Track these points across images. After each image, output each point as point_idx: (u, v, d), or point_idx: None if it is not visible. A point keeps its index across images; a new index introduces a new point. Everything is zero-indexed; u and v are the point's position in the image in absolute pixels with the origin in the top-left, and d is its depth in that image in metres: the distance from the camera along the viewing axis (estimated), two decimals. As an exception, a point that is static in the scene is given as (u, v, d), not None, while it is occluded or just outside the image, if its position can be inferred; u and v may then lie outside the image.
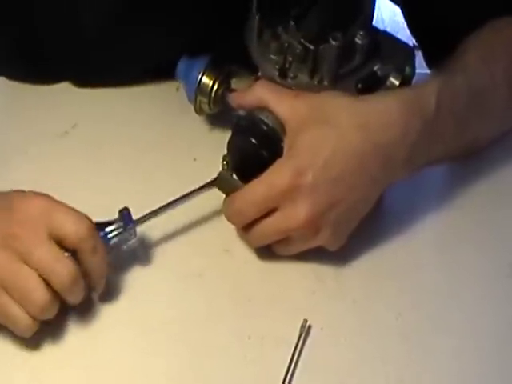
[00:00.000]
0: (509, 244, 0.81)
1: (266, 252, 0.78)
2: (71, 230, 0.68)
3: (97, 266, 0.70)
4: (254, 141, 0.74)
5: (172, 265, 0.77)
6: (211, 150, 0.79)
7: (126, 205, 0.74)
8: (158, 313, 0.74)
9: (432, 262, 0.81)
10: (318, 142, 0.72)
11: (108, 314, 0.73)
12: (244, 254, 0.78)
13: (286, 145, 0.74)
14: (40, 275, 0.67)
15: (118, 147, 0.85)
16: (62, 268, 0.67)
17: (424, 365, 0.73)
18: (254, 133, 0.75)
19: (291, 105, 0.74)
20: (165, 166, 0.83)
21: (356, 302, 0.76)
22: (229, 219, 0.76)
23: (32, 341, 0.70)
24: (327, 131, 0.73)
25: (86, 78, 0.90)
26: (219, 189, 0.77)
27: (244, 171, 0.76)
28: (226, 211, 0.76)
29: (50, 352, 0.71)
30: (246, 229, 0.76)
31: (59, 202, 0.70)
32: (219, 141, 0.78)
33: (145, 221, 0.75)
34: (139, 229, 0.75)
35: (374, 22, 0.76)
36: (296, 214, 0.72)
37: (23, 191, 0.71)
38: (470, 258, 0.80)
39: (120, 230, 0.73)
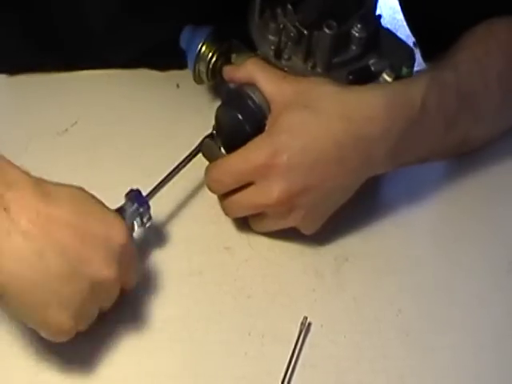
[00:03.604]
0: (509, 240, 0.81)
1: (266, 249, 0.78)
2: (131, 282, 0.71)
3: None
4: (239, 115, 0.75)
5: (173, 262, 0.77)
6: (211, 147, 0.79)
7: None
8: (159, 310, 0.74)
9: (432, 259, 0.81)
10: (298, 125, 0.73)
11: (108, 312, 0.73)
12: (244, 251, 0.78)
13: (268, 123, 0.75)
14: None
15: (118, 145, 0.85)
16: (113, 289, 0.69)
17: (424, 361, 0.73)
18: (240, 107, 0.76)
19: (278, 85, 0.75)
20: (165, 162, 0.83)
21: (356, 299, 0.76)
22: (208, 186, 0.77)
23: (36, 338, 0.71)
24: (308, 116, 0.73)
25: (88, 59, 0.90)
26: (204, 156, 0.79)
27: (228, 143, 0.77)
28: (205, 178, 0.77)
29: (50, 350, 0.71)
30: (224, 198, 0.77)
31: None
32: (219, 138, 0.79)
33: (152, 196, 0.76)
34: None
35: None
36: (269, 191, 0.73)
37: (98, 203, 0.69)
38: (469, 254, 0.80)
39: (135, 211, 0.74)
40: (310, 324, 0.73)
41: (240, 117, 0.75)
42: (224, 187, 0.76)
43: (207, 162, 0.79)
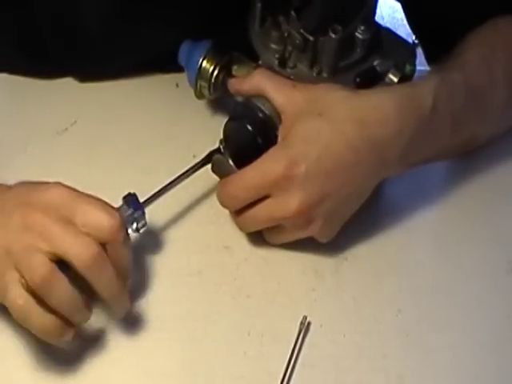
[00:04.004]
0: (508, 241, 0.81)
1: (266, 249, 0.78)
2: (102, 221, 0.66)
3: (126, 257, 0.69)
4: (249, 127, 0.75)
5: (172, 262, 0.77)
6: (210, 146, 0.79)
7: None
8: (158, 309, 0.74)
9: (431, 259, 0.81)
10: (312, 133, 0.73)
11: (107, 311, 0.73)
12: (244, 250, 0.78)
13: (280, 134, 0.74)
14: (60, 256, 0.64)
15: (117, 144, 0.85)
16: (81, 244, 0.64)
17: (423, 361, 0.73)
18: (250, 119, 0.75)
19: (288, 95, 0.75)
20: (164, 162, 0.83)
21: (355, 299, 0.76)
22: (221, 203, 0.76)
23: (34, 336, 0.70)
24: (322, 124, 0.73)
25: (86, 71, 0.90)
26: (213, 172, 0.78)
27: (238, 156, 0.76)
28: (219, 195, 0.76)
29: (49, 348, 0.71)
30: (238, 213, 0.76)
31: (79, 192, 0.68)
32: (218, 138, 0.78)
33: (149, 203, 0.75)
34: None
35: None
36: (288, 203, 0.72)
37: (37, 182, 0.70)
38: (469, 254, 0.80)
39: (130, 215, 0.73)
40: (309, 324, 0.73)
41: (251, 129, 0.75)
42: (240, 203, 0.75)
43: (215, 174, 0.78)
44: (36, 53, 0.89)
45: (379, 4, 0.77)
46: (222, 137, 0.78)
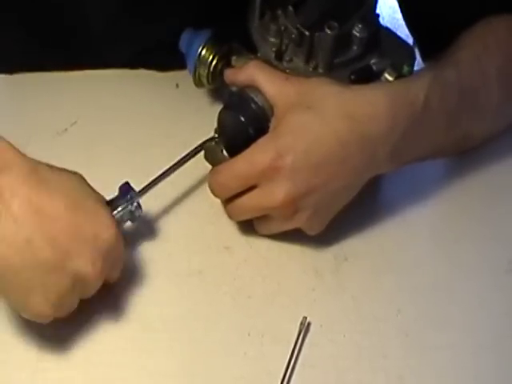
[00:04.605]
0: (508, 240, 0.81)
1: (266, 249, 0.78)
2: (115, 276, 0.71)
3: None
4: (242, 118, 0.75)
5: (172, 262, 0.77)
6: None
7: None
8: (158, 310, 0.74)
9: (431, 258, 0.81)
10: (301, 126, 0.73)
11: (108, 312, 0.73)
12: (244, 251, 0.78)
13: (271, 125, 0.75)
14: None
15: (117, 144, 0.85)
16: (94, 285, 0.69)
17: (423, 361, 0.73)
18: (243, 110, 0.76)
19: (280, 87, 0.75)
20: (164, 161, 0.83)
21: (355, 299, 0.76)
22: (212, 191, 0.77)
23: (34, 337, 0.71)
24: (312, 117, 0.73)
25: (86, 62, 0.90)
26: (206, 159, 0.78)
27: (231, 146, 0.76)
28: (209, 183, 0.77)
29: (48, 351, 0.71)
30: (228, 201, 0.77)
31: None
32: (218, 137, 0.79)
33: (146, 191, 0.75)
34: (139, 224, 0.76)
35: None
36: (274, 193, 0.73)
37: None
38: (469, 253, 0.80)
39: (126, 205, 0.73)
40: (309, 324, 0.73)
41: (243, 120, 0.75)
42: (229, 191, 0.75)
43: (207, 161, 0.79)
44: (40, 44, 0.89)
45: (379, 4, 0.77)
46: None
